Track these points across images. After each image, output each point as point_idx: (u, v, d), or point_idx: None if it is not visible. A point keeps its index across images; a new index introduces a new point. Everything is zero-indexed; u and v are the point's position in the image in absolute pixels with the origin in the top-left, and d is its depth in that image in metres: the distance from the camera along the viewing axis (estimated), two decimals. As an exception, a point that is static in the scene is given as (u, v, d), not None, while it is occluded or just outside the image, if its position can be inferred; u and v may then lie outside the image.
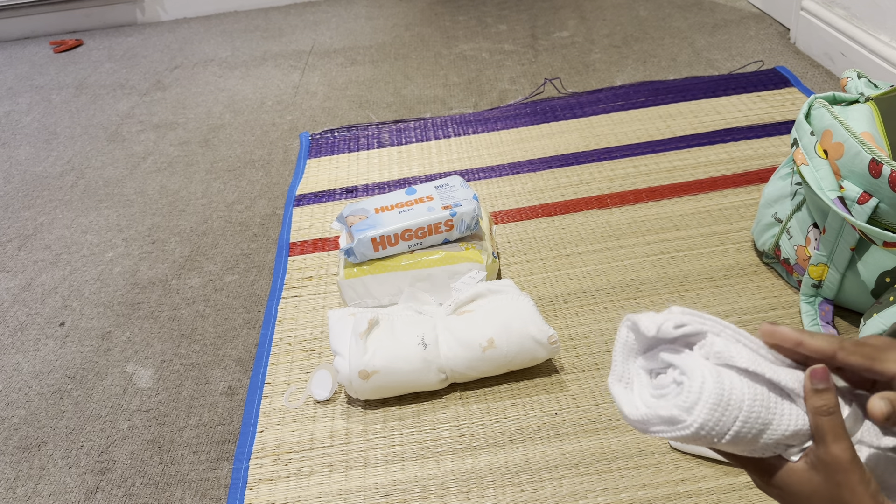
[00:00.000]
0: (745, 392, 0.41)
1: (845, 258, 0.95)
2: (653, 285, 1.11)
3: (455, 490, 0.85)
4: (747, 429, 0.42)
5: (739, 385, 0.42)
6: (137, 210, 1.50)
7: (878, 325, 0.87)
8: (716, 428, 0.41)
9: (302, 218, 1.38)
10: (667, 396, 0.43)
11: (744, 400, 0.41)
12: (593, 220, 1.27)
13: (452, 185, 1.14)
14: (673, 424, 0.42)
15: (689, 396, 0.41)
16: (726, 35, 1.93)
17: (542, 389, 0.97)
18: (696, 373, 0.42)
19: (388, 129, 1.66)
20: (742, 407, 0.41)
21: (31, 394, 1.08)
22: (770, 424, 0.42)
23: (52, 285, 1.31)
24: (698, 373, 0.42)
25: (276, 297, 1.19)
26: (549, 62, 1.91)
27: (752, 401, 0.41)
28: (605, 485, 0.84)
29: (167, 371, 1.09)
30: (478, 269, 1.06)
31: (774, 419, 0.42)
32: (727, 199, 1.28)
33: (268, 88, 1.96)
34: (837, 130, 0.92)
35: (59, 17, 2.57)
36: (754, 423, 0.42)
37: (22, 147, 1.82)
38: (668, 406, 0.42)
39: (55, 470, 0.96)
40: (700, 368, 0.42)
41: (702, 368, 0.42)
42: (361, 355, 0.93)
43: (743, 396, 0.41)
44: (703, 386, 0.41)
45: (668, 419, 0.42)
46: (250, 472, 0.91)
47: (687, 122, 1.53)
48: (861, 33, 1.54)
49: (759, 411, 0.42)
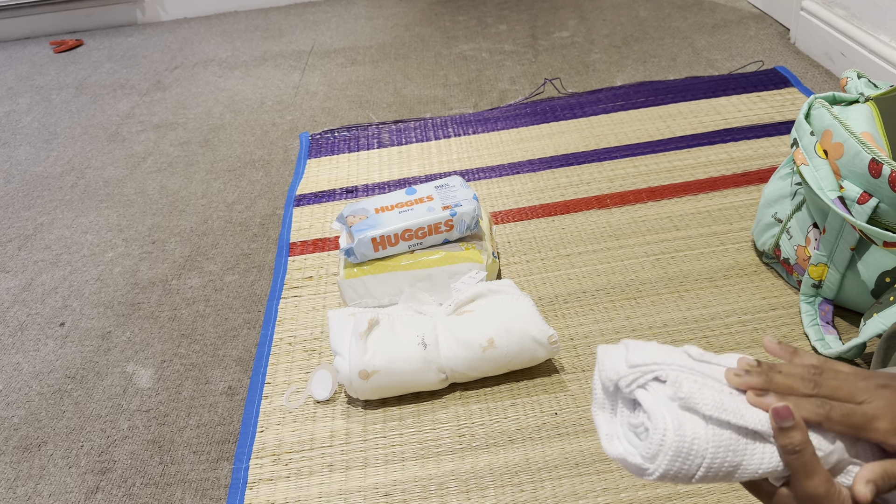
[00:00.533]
0: (708, 439, 0.42)
1: (845, 258, 0.95)
2: (653, 285, 1.11)
3: (455, 490, 0.85)
4: (713, 472, 0.42)
5: (703, 433, 0.42)
6: (137, 210, 1.50)
7: (878, 325, 0.87)
8: (679, 474, 0.42)
9: (302, 218, 1.38)
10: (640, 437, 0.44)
11: (707, 448, 0.42)
12: (593, 220, 1.27)
13: (452, 185, 1.14)
14: (640, 473, 0.43)
15: (651, 447, 0.42)
16: (726, 35, 1.93)
17: (542, 389, 0.97)
18: (658, 422, 0.42)
19: (388, 129, 1.66)
20: (705, 455, 0.42)
21: (32, 394, 1.08)
22: (740, 466, 0.42)
23: (53, 285, 1.31)
24: (660, 422, 0.42)
25: (276, 297, 1.19)
26: (549, 62, 1.91)
27: (715, 448, 0.42)
28: (605, 485, 0.84)
29: (167, 371, 1.09)
30: (478, 269, 1.06)
31: (744, 460, 0.43)
32: (727, 199, 1.28)
33: (268, 88, 1.96)
34: (837, 130, 0.92)
35: (59, 17, 2.57)
36: (720, 467, 0.42)
37: (22, 147, 1.82)
38: (635, 453, 0.43)
39: (55, 470, 0.96)
40: (663, 417, 0.42)
41: (664, 416, 0.42)
42: (361, 355, 0.93)
43: (707, 444, 0.42)
44: (664, 437, 0.42)
45: (636, 468, 0.43)
46: (250, 472, 0.91)
47: (687, 122, 1.53)
48: (861, 33, 1.54)
49: (725, 455, 0.42)
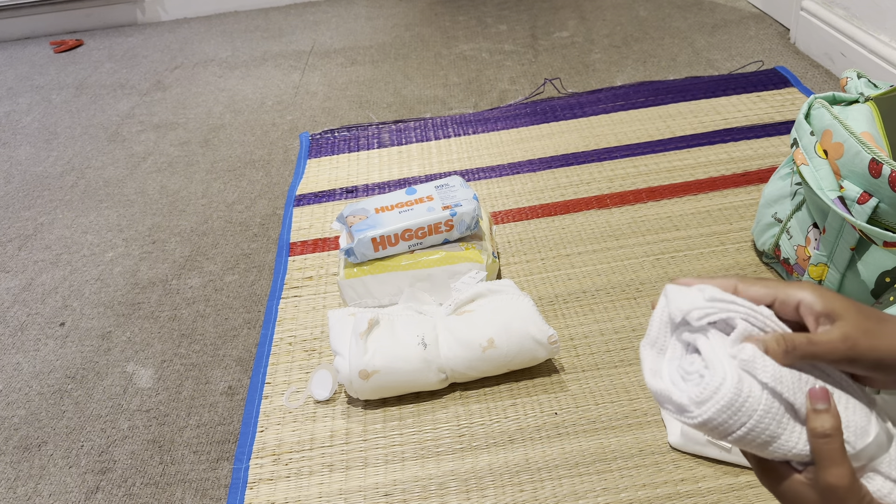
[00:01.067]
0: (760, 402, 0.42)
1: (845, 258, 0.95)
2: (653, 285, 1.11)
3: (455, 490, 0.85)
4: (753, 436, 0.42)
5: (757, 394, 0.42)
6: (138, 210, 1.50)
7: (877, 325, 0.87)
8: (721, 427, 0.42)
9: (302, 218, 1.38)
10: (689, 383, 0.43)
11: (756, 409, 0.42)
12: (593, 220, 1.27)
13: (452, 185, 1.14)
14: (681, 412, 0.43)
15: (705, 392, 0.42)
16: (726, 35, 1.93)
17: (542, 389, 0.97)
18: (717, 371, 0.42)
19: (388, 129, 1.66)
20: (752, 415, 0.42)
21: (32, 394, 1.08)
22: (778, 438, 0.42)
23: (53, 285, 1.31)
24: (720, 372, 0.42)
25: (276, 297, 1.19)
26: (549, 62, 1.91)
27: (764, 412, 0.42)
28: (605, 485, 0.84)
29: (167, 371, 1.09)
30: (478, 269, 1.06)
31: (783, 434, 0.42)
32: (727, 199, 1.28)
33: (268, 88, 1.96)
34: (837, 130, 0.92)
35: (59, 17, 2.57)
36: (761, 433, 0.42)
37: (22, 147, 1.82)
38: (681, 394, 0.43)
39: (55, 470, 0.96)
40: (723, 367, 0.42)
41: (725, 368, 0.42)
42: (361, 355, 0.93)
43: (757, 406, 0.42)
44: (721, 386, 0.41)
45: (678, 406, 0.43)
46: (250, 472, 0.91)
47: (687, 122, 1.53)
48: (861, 33, 1.54)
49: (769, 423, 0.42)
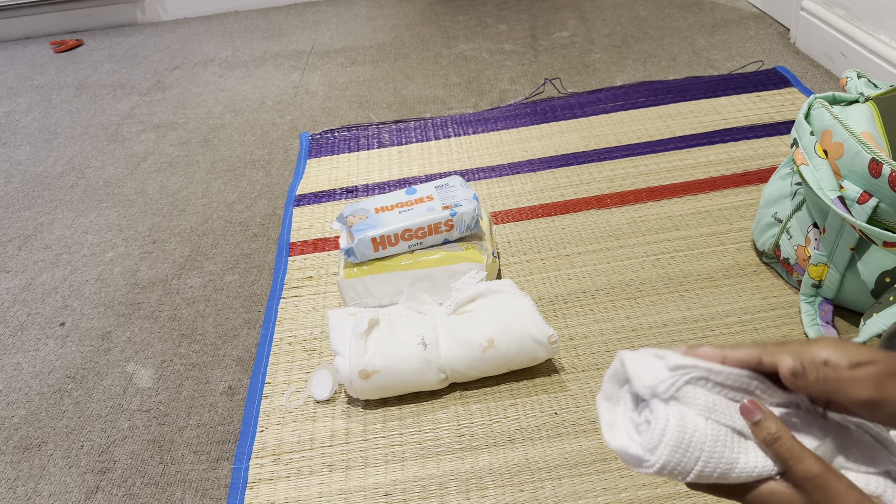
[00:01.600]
0: (707, 434, 0.43)
1: (845, 258, 0.95)
2: (653, 285, 1.11)
3: (455, 490, 0.85)
4: (710, 469, 0.43)
5: (703, 427, 0.43)
6: (138, 210, 1.50)
7: (878, 325, 0.87)
8: (678, 468, 0.43)
9: (302, 218, 1.38)
10: (642, 434, 0.45)
11: (705, 442, 0.43)
12: (593, 220, 1.27)
13: (452, 185, 1.14)
14: (639, 465, 0.44)
15: (652, 437, 0.43)
16: (726, 35, 1.93)
17: (542, 389, 0.97)
18: (660, 413, 0.43)
19: (388, 129, 1.66)
20: (703, 448, 0.43)
21: (32, 394, 1.08)
22: (736, 463, 0.43)
23: (53, 285, 1.31)
24: (662, 415, 0.43)
25: (276, 297, 1.19)
26: (549, 62, 1.91)
27: (713, 443, 0.43)
28: (605, 485, 0.84)
29: (167, 371, 1.09)
30: (478, 269, 1.06)
31: (740, 458, 0.43)
32: (727, 199, 1.28)
33: (268, 88, 1.96)
34: (837, 130, 0.92)
35: (59, 17, 2.57)
36: (717, 464, 0.43)
37: (22, 147, 1.82)
38: (636, 446, 0.44)
39: (55, 470, 0.96)
40: (664, 410, 0.43)
41: (666, 410, 0.43)
42: (361, 355, 0.93)
43: (705, 438, 0.43)
44: (666, 427, 0.43)
45: (636, 458, 0.44)
46: (250, 472, 0.91)
47: (687, 122, 1.53)
48: (861, 33, 1.54)
49: (722, 451, 0.43)
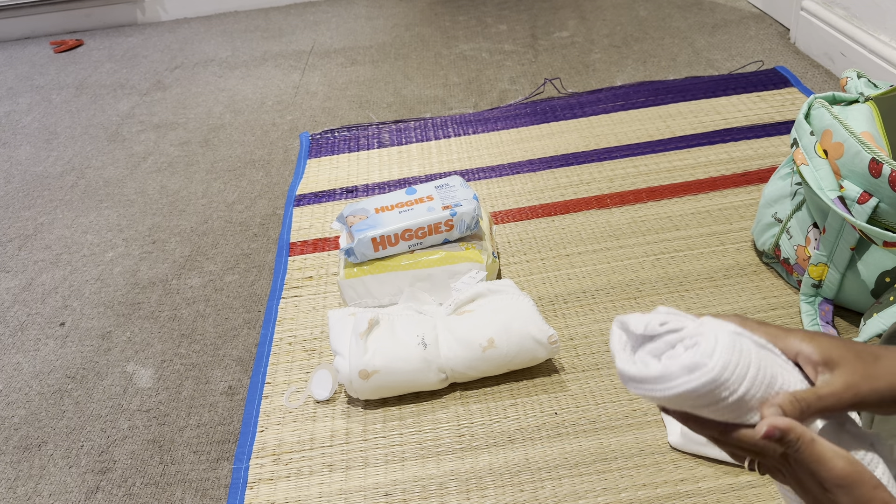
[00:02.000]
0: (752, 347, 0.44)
1: (845, 258, 0.95)
2: (653, 285, 1.11)
3: (455, 490, 0.85)
4: (760, 378, 0.43)
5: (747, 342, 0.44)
6: (138, 210, 1.50)
7: (878, 325, 0.87)
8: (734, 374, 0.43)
9: (302, 218, 1.38)
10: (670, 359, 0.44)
11: (752, 350, 0.44)
12: (593, 220, 1.27)
13: (452, 185, 1.14)
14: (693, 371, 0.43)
15: (708, 345, 0.43)
16: (726, 35, 1.93)
17: (542, 389, 0.97)
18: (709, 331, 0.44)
19: (388, 129, 1.66)
20: (752, 355, 0.44)
21: (32, 394, 1.08)
22: (776, 379, 0.44)
23: (53, 285, 1.31)
24: (711, 331, 0.44)
25: (276, 297, 1.19)
26: (549, 62, 1.91)
27: (759, 349, 0.45)
28: (605, 485, 0.84)
29: (167, 371, 1.09)
30: (478, 269, 1.06)
31: (780, 375, 0.44)
32: (727, 199, 1.28)
33: (268, 88, 1.96)
34: (837, 130, 0.92)
35: (59, 17, 2.57)
36: (765, 374, 0.44)
37: (22, 147, 1.82)
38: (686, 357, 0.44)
39: (55, 470, 0.96)
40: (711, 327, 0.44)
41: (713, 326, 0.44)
42: (361, 355, 0.93)
43: (751, 350, 0.44)
44: (718, 337, 0.43)
45: (690, 366, 0.43)
46: (250, 472, 0.91)
47: (687, 122, 1.53)
48: (861, 33, 1.54)
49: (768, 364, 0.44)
